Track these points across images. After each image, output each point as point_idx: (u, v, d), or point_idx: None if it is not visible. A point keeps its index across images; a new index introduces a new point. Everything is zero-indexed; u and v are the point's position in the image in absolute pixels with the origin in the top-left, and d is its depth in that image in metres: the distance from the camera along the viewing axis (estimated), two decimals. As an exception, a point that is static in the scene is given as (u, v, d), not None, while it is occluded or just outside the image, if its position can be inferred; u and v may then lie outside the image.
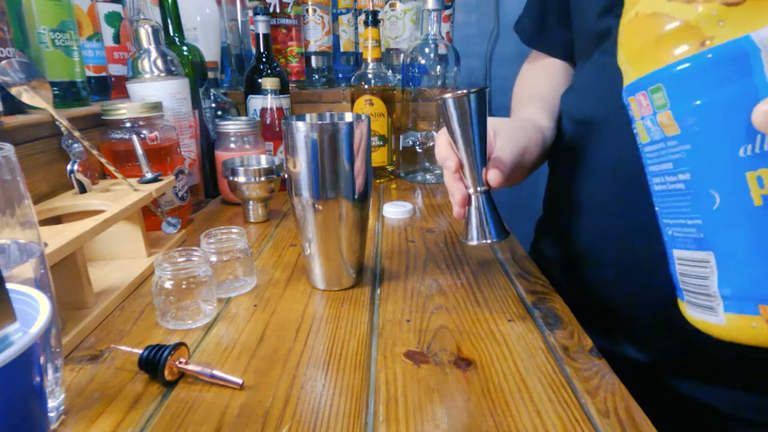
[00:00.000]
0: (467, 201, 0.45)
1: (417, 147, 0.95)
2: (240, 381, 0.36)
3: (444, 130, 0.46)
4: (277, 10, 1.00)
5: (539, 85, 0.66)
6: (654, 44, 0.27)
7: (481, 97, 0.42)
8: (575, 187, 0.55)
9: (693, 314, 0.30)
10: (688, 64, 0.25)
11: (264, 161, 0.75)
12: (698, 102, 0.25)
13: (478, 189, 0.44)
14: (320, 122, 0.49)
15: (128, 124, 0.64)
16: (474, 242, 0.44)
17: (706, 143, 0.25)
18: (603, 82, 0.51)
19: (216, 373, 0.36)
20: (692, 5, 0.25)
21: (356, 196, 0.48)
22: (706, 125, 0.24)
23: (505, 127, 0.50)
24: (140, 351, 0.37)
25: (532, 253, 0.67)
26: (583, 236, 0.54)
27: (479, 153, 0.43)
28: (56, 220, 0.53)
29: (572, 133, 0.57)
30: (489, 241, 0.44)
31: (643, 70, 0.28)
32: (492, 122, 0.49)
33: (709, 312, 0.28)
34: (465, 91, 0.41)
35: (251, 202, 0.73)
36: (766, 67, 0.22)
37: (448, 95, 0.42)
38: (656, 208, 0.30)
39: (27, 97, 0.54)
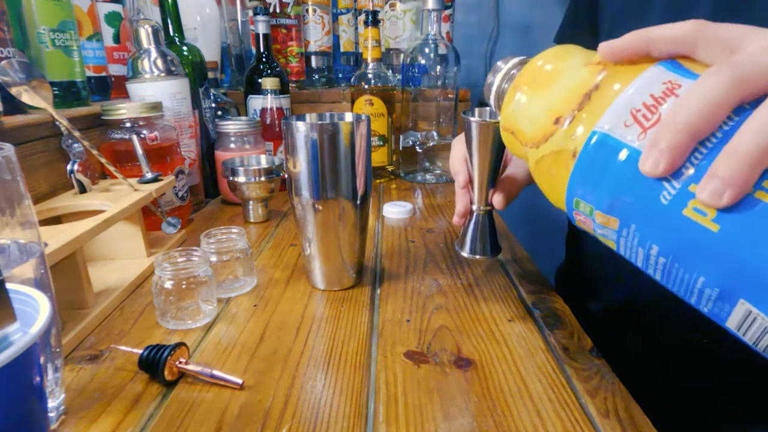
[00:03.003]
0: (469, 214, 0.46)
1: (417, 147, 0.95)
2: (240, 381, 0.36)
3: (461, 139, 0.46)
4: (277, 10, 1.00)
5: None
6: (549, 179, 0.28)
7: None
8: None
9: None
10: (576, 173, 0.26)
11: (264, 161, 0.75)
12: (607, 187, 0.25)
13: (482, 208, 0.45)
14: (320, 122, 0.49)
15: (128, 124, 0.64)
16: (467, 254, 0.46)
17: (640, 209, 0.23)
18: None
19: (216, 373, 0.36)
20: (547, 140, 0.27)
21: (356, 196, 0.48)
22: (627, 199, 0.24)
23: None
24: (140, 351, 0.37)
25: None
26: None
27: (490, 175, 0.43)
28: (56, 220, 0.53)
29: None
30: (480, 257, 0.46)
31: (560, 200, 0.28)
32: None
33: None
34: (491, 121, 0.40)
35: (251, 202, 0.73)
36: (622, 138, 0.23)
37: (473, 118, 0.41)
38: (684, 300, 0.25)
39: (27, 97, 0.54)
